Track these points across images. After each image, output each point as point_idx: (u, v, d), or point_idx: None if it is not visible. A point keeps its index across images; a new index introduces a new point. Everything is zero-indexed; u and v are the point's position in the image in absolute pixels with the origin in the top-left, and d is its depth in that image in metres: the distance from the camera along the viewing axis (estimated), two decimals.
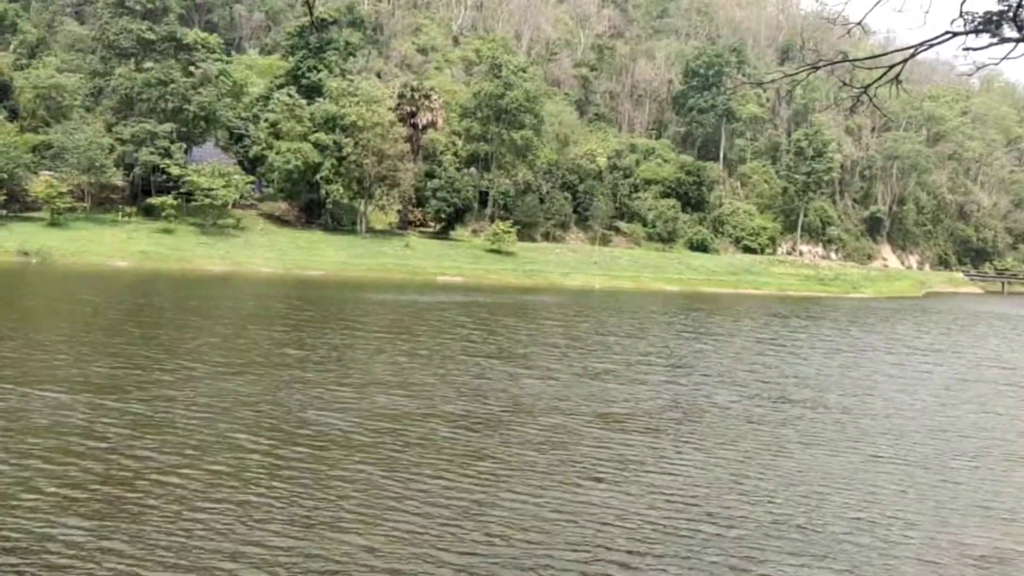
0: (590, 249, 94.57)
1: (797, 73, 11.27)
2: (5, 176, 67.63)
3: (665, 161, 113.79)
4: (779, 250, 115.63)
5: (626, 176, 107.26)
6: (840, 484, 18.62)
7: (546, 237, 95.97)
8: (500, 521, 14.92)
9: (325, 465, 17.43)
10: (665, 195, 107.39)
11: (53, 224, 68.55)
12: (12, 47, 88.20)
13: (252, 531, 13.84)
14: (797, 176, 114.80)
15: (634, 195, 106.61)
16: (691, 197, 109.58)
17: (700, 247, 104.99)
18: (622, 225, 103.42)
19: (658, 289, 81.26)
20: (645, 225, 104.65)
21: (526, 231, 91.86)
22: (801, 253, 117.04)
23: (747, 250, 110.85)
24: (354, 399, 23.44)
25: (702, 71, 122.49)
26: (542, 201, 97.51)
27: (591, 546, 14.18)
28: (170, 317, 38.63)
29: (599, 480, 17.60)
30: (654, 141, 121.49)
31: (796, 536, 15.31)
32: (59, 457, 16.89)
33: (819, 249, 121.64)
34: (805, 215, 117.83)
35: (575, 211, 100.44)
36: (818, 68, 9.82)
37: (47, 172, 71.43)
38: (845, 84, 11.60)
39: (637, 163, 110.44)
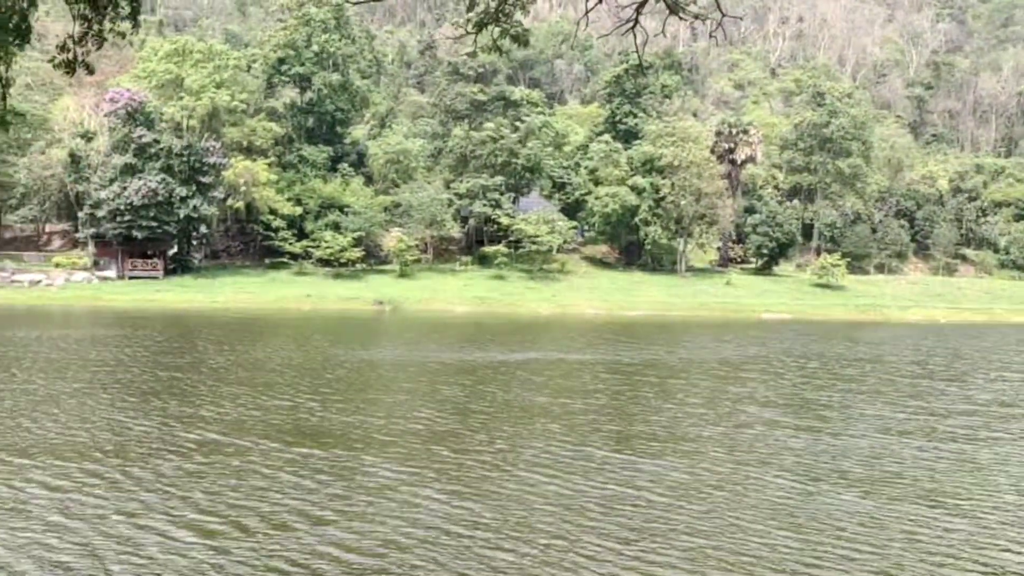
0: (931, 280, 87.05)
1: None
2: (363, 234, 76.41)
3: (1018, 181, 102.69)
4: None
5: (972, 199, 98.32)
6: None
7: (880, 269, 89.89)
8: None
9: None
10: (1020, 218, 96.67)
11: (402, 275, 75.98)
12: (366, 119, 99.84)
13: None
14: None
15: (982, 219, 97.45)
16: None
17: None
18: (969, 253, 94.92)
19: (1017, 323, 72.57)
20: (997, 252, 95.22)
21: (856, 263, 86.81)
22: None
23: None
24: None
25: None
26: (874, 231, 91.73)
27: None
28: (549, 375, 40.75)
29: None
30: (1003, 160, 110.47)
31: None
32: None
33: None
34: None
35: (913, 239, 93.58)
36: None
37: (397, 229, 79.62)
38: None
39: (984, 185, 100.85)
